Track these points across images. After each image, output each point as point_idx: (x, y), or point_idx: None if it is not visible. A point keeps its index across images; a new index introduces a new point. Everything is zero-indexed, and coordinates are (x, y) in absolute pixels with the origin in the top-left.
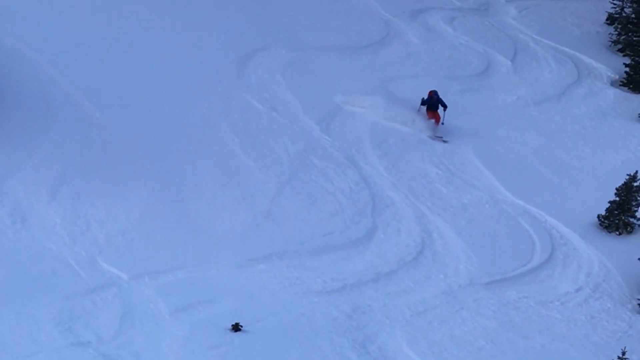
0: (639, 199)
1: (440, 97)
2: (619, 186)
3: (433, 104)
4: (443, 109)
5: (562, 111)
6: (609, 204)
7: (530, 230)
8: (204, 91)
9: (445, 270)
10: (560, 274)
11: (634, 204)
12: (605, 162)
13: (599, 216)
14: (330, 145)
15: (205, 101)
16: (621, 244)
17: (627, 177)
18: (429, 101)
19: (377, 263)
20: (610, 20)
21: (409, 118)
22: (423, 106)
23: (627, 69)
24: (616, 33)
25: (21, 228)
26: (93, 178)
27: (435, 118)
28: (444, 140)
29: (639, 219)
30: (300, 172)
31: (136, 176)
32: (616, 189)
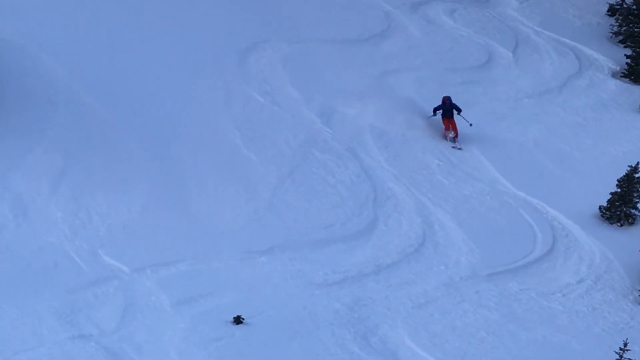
0: None
1: (453, 102)
2: (620, 177)
3: (448, 111)
4: (458, 113)
5: (563, 103)
6: (611, 195)
7: (532, 222)
8: (205, 84)
9: (446, 262)
10: (561, 265)
11: (635, 195)
12: (606, 154)
13: (600, 207)
14: (331, 138)
15: (206, 94)
16: (623, 235)
17: (629, 169)
18: (442, 107)
19: (379, 255)
20: (611, 11)
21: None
22: (434, 116)
23: (628, 60)
24: (617, 24)
25: (22, 222)
26: (94, 171)
27: (453, 127)
28: (459, 148)
29: None
30: (302, 165)
31: (137, 169)
32: (617, 180)
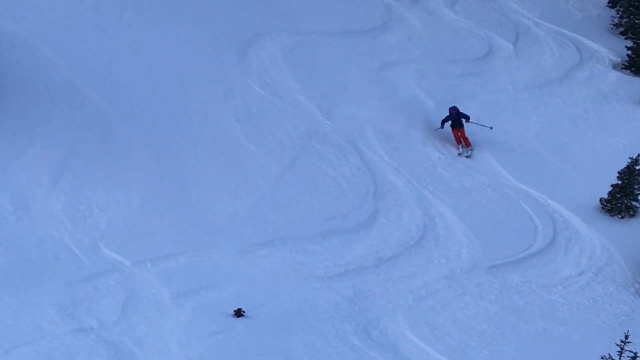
0: None
1: (460, 111)
2: (621, 169)
3: (456, 121)
4: (466, 121)
5: (564, 94)
6: (611, 188)
7: (533, 214)
8: (205, 76)
9: (447, 255)
10: (562, 257)
11: (636, 187)
12: (607, 146)
13: (601, 200)
14: (331, 130)
15: (206, 86)
16: (623, 228)
17: (630, 161)
18: (450, 118)
19: (379, 248)
20: (612, 3)
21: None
22: (442, 128)
23: (629, 52)
24: (618, 16)
25: (23, 214)
26: (94, 164)
27: (463, 137)
28: (467, 156)
29: None
30: (302, 157)
31: (138, 162)
32: (618, 173)
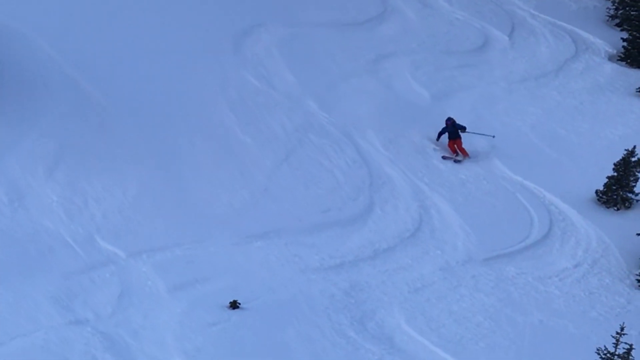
0: (637, 174)
1: (457, 123)
2: (617, 161)
3: (453, 132)
4: (462, 131)
5: (560, 86)
6: (607, 180)
7: (528, 206)
8: (200, 68)
9: (443, 247)
10: (558, 249)
11: (632, 179)
12: (603, 137)
13: (597, 191)
14: (327, 122)
15: (202, 78)
16: (619, 220)
17: (625, 152)
18: (447, 130)
19: (375, 240)
20: None
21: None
22: (437, 140)
23: (625, 44)
24: (614, 7)
25: (18, 206)
26: (90, 156)
27: (459, 148)
28: (459, 160)
29: (637, 194)
30: (298, 149)
31: (133, 154)
32: (614, 164)
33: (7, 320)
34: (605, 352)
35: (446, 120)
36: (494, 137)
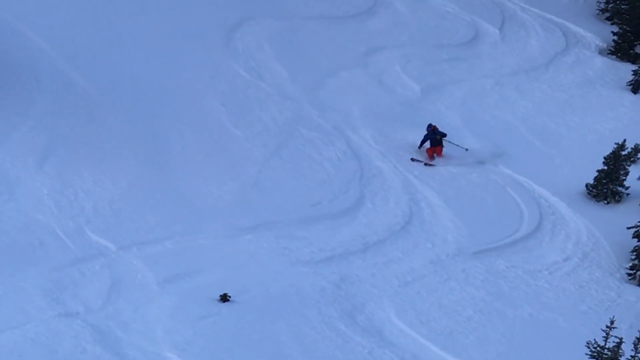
0: (627, 167)
1: (438, 130)
2: (607, 155)
3: (434, 140)
4: (443, 137)
5: (550, 80)
6: (597, 173)
7: (519, 200)
8: (191, 61)
9: (433, 240)
10: (548, 243)
11: (622, 172)
12: (593, 131)
13: (587, 185)
14: (317, 115)
15: (192, 70)
16: (609, 213)
17: (615, 146)
18: (429, 137)
19: (365, 233)
20: None
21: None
22: (419, 148)
23: (615, 38)
24: (604, 1)
25: (9, 199)
26: (80, 148)
27: (438, 153)
28: (432, 164)
29: (627, 188)
30: (288, 142)
31: (123, 146)
32: (604, 158)
33: None
34: (595, 346)
35: (427, 127)
36: (467, 150)
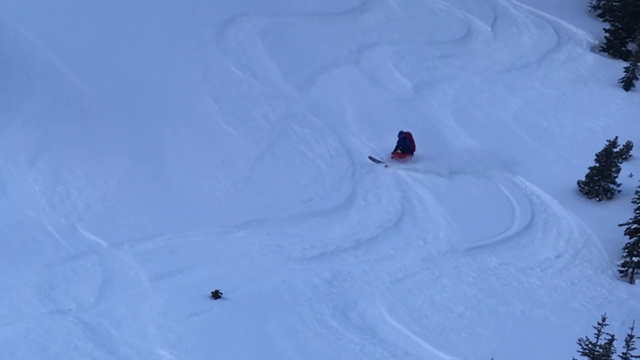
0: (618, 164)
1: (408, 140)
2: (599, 152)
3: (404, 147)
4: (406, 150)
5: (542, 77)
6: (589, 170)
7: (510, 197)
8: (183, 57)
9: (425, 237)
10: (540, 240)
11: (613, 170)
12: (585, 128)
13: (579, 182)
14: (310, 112)
15: (185, 67)
16: (601, 210)
17: (607, 143)
18: (404, 143)
19: (357, 230)
20: None
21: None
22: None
23: (607, 35)
24: None
25: (0, 196)
26: (72, 145)
27: (404, 157)
28: (386, 165)
29: (618, 185)
30: (280, 139)
31: (115, 143)
32: (596, 155)
33: None
34: (587, 343)
35: (398, 134)
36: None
